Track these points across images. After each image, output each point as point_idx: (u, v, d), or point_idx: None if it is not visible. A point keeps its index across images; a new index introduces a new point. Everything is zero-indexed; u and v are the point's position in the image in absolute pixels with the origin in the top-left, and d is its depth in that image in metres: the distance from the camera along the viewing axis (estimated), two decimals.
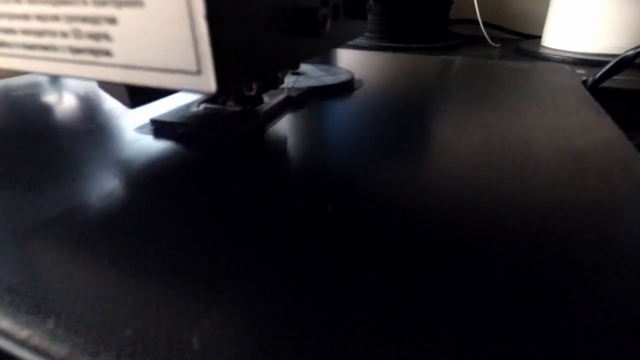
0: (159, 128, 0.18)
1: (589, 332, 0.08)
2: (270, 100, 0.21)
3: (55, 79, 0.28)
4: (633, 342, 0.08)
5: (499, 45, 0.53)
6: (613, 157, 0.16)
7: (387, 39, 0.53)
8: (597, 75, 0.34)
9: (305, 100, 0.23)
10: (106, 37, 0.09)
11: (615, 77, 0.36)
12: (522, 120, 0.20)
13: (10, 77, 0.29)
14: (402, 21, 0.52)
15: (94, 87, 0.16)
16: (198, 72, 0.09)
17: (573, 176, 0.14)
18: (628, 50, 0.33)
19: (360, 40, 0.54)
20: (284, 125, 0.20)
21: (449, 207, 0.12)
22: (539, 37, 0.53)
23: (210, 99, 0.20)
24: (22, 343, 0.08)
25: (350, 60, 0.37)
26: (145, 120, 0.19)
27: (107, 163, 0.15)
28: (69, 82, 0.27)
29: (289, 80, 0.24)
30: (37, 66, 0.11)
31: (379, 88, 0.27)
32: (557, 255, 0.10)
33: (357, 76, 0.27)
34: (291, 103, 0.22)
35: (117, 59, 0.10)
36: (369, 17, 0.16)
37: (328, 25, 0.12)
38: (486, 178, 0.14)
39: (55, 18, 0.10)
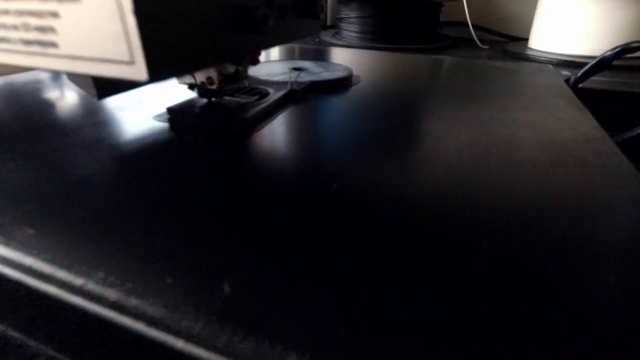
0: (174, 116, 0.19)
1: (572, 322, 0.08)
2: (275, 93, 0.22)
3: (57, 77, 0.28)
4: (612, 330, 0.08)
5: (487, 46, 0.54)
6: (591, 149, 0.16)
7: (380, 40, 0.53)
8: (579, 74, 0.35)
9: (307, 94, 0.24)
10: (51, 29, 0.10)
11: (596, 78, 0.37)
12: (508, 115, 0.21)
13: (11, 74, 0.29)
14: (394, 23, 0.53)
15: None
16: (131, 62, 0.09)
17: (555, 165, 0.15)
18: (607, 52, 0.34)
19: (353, 41, 0.54)
20: (287, 117, 0.20)
21: (438, 194, 0.13)
22: (526, 40, 0.53)
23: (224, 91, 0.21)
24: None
25: (348, 58, 0.38)
26: (162, 109, 0.20)
27: (130, 145, 0.16)
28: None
29: (292, 75, 0.25)
30: None
31: (375, 84, 0.28)
32: (537, 240, 0.10)
33: (354, 73, 0.28)
34: (294, 96, 0.23)
35: (62, 50, 0.10)
36: (322, 16, 0.16)
37: (270, 22, 0.13)
38: (474, 168, 0.15)
39: (6, 12, 0.11)
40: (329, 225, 0.11)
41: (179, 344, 0.07)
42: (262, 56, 0.21)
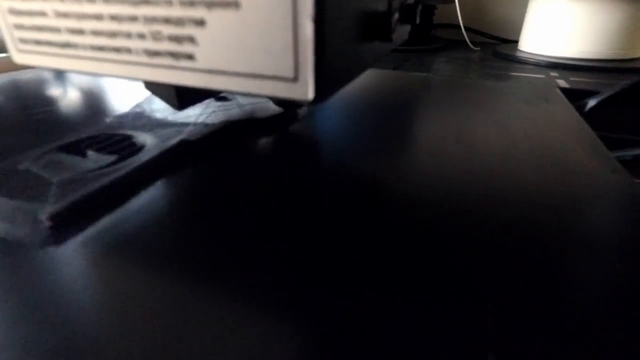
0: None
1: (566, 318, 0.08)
2: (154, 146, 0.14)
3: (59, 74, 0.28)
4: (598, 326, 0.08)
5: (478, 48, 0.55)
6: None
7: None
8: (596, 102, 0.30)
9: (216, 144, 0.15)
10: (190, 39, 0.09)
11: (584, 79, 0.38)
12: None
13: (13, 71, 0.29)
14: None
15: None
16: (294, 79, 0.08)
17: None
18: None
19: None
20: (146, 204, 0.11)
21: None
22: (516, 42, 0.54)
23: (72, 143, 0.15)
24: None
25: None
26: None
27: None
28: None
29: (206, 111, 0.18)
30: (105, 69, 0.10)
31: (322, 120, 0.19)
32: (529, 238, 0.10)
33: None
34: (187, 151, 0.14)
35: (200, 63, 0.09)
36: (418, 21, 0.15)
37: (396, 29, 0.11)
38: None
39: (133, 19, 0.09)
40: None
41: None
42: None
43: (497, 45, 0.57)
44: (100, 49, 0.10)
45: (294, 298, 0.08)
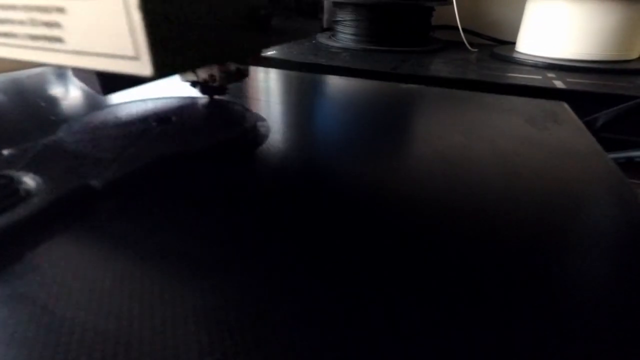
0: None
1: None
2: (42, 197, 0.11)
3: (62, 73, 0.28)
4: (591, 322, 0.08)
5: (476, 49, 0.54)
6: None
7: (374, 42, 0.54)
8: (607, 120, 0.28)
9: (132, 191, 0.12)
10: (57, 25, 0.10)
11: (577, 80, 0.38)
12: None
13: (16, 70, 0.28)
14: (387, 26, 0.53)
15: None
16: (136, 57, 0.09)
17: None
18: None
19: (348, 43, 0.55)
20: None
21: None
22: (513, 43, 0.53)
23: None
24: None
25: (286, 83, 0.27)
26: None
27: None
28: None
29: (129, 140, 0.15)
30: (1, 52, 0.11)
31: (295, 144, 0.17)
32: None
33: (263, 125, 0.18)
34: (85, 202, 0.11)
35: (68, 45, 0.10)
36: (321, 17, 0.16)
37: (273, 22, 0.12)
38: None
39: (14, 7, 0.10)
40: None
41: None
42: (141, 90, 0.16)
43: (495, 47, 0.57)
44: None
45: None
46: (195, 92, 0.20)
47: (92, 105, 0.21)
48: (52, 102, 0.22)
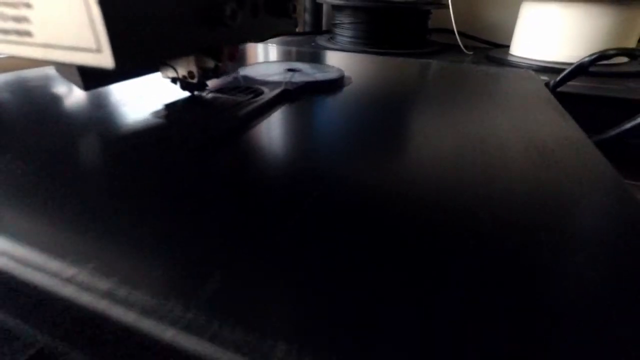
0: (171, 113, 0.19)
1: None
2: (269, 92, 0.22)
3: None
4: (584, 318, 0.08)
5: (471, 52, 0.55)
6: (570, 146, 0.16)
7: (372, 45, 0.54)
8: (558, 79, 0.35)
9: (300, 94, 0.23)
10: (26, 19, 0.10)
11: (574, 83, 0.38)
12: (493, 115, 0.21)
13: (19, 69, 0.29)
14: (385, 29, 0.53)
15: None
16: (98, 50, 0.09)
17: (537, 163, 0.15)
18: (584, 58, 0.34)
19: (347, 46, 0.55)
20: (281, 114, 0.20)
21: (425, 185, 0.13)
22: (508, 46, 0.54)
23: (220, 89, 0.21)
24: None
25: (340, 61, 0.37)
26: (160, 106, 0.20)
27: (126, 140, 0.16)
28: None
29: (286, 76, 0.25)
30: None
31: (365, 85, 0.28)
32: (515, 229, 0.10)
33: (346, 75, 0.28)
34: (287, 96, 0.23)
35: (36, 38, 0.10)
36: (294, 16, 0.16)
37: (239, 19, 0.13)
38: (460, 164, 0.14)
39: None
40: (317, 222, 0.10)
41: (169, 334, 0.07)
42: (260, 57, 0.21)
43: (490, 50, 0.57)
44: None
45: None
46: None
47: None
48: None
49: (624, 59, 0.47)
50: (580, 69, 0.35)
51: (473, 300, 0.08)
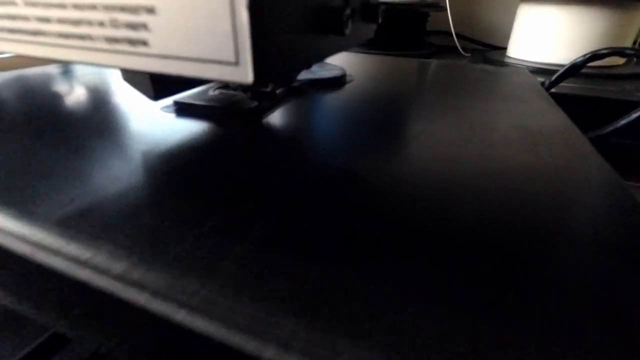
0: (181, 108, 0.19)
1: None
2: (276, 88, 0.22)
3: (67, 70, 0.28)
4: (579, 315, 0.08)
5: (469, 54, 0.55)
6: (564, 140, 0.17)
7: (371, 46, 0.54)
8: (552, 79, 0.36)
9: (305, 91, 0.24)
10: (144, 27, 0.09)
11: (567, 84, 0.38)
12: (489, 107, 0.21)
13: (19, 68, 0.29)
14: (384, 31, 0.54)
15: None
16: (236, 63, 0.08)
17: (527, 150, 0.15)
18: (577, 58, 0.35)
19: None
20: (289, 109, 0.21)
21: (424, 180, 0.13)
22: (505, 49, 0.54)
23: (225, 85, 0.21)
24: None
25: (343, 59, 0.38)
26: (169, 101, 0.19)
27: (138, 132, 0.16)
28: (86, 71, 0.27)
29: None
30: (72, 55, 0.11)
31: (367, 83, 0.28)
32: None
33: (348, 73, 0.28)
34: (293, 92, 0.23)
35: (154, 49, 0.09)
36: (379, 21, 0.16)
37: (350, 25, 0.12)
38: (460, 155, 0.15)
39: (93, 7, 0.09)
40: (325, 209, 0.11)
41: (180, 315, 0.07)
42: None
43: (487, 52, 0.57)
44: (66, 36, 0.10)
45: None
46: None
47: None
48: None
49: (621, 61, 0.48)
50: (574, 69, 0.35)
51: (470, 300, 0.08)
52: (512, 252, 0.09)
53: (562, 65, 0.45)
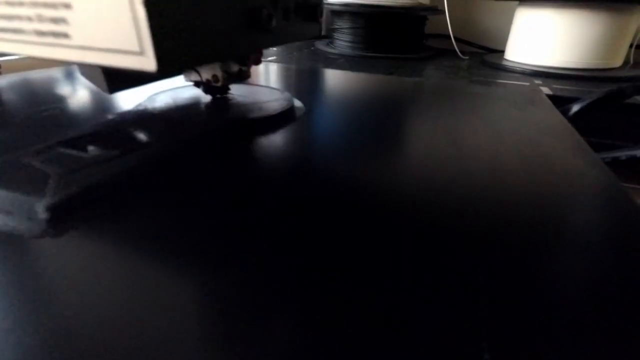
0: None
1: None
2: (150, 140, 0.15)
3: (69, 74, 0.28)
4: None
5: (467, 57, 0.55)
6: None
7: (370, 49, 0.54)
8: (581, 107, 0.30)
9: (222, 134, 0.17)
10: (64, 21, 0.10)
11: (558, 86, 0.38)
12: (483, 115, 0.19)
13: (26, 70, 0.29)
14: (383, 34, 0.54)
15: None
16: (141, 52, 0.09)
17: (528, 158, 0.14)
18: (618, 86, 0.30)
19: (346, 50, 0.55)
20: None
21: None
22: (503, 51, 0.54)
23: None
24: None
25: (283, 77, 0.30)
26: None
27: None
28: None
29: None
30: (8, 48, 0.11)
31: (322, 119, 0.20)
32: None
33: (300, 101, 0.21)
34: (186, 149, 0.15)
35: (74, 41, 0.10)
36: (321, 20, 0.16)
37: (274, 22, 0.12)
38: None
39: (21, 3, 0.10)
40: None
41: None
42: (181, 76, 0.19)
43: (485, 55, 0.57)
44: (3, 30, 0.11)
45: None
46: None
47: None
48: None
49: (618, 63, 0.48)
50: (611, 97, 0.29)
51: (469, 302, 0.08)
52: (512, 252, 0.09)
53: (559, 68, 0.45)
